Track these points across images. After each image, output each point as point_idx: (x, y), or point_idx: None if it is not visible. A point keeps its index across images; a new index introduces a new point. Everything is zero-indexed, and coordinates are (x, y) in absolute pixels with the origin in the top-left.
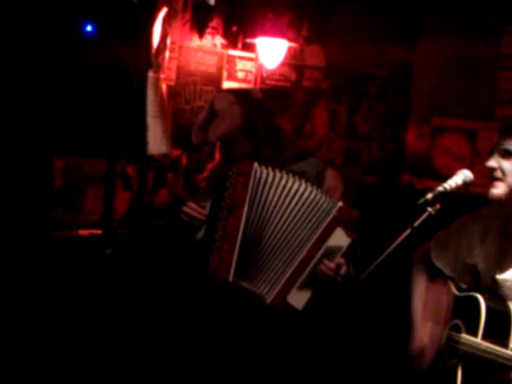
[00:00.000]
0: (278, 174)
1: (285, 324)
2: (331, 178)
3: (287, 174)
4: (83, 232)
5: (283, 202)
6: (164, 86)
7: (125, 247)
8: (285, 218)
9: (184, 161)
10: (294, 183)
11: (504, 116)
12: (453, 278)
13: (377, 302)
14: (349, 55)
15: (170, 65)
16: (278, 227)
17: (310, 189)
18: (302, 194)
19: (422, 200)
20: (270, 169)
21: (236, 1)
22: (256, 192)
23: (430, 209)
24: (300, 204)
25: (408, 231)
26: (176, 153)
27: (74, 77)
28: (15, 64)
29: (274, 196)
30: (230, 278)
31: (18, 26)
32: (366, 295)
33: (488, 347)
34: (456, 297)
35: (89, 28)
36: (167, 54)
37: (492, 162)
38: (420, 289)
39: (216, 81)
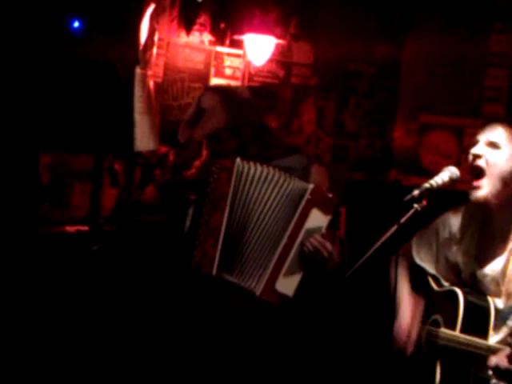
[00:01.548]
0: (259, 168)
1: (283, 323)
2: (317, 173)
3: (267, 166)
4: (70, 228)
5: (264, 194)
6: (151, 83)
7: (112, 244)
8: (266, 209)
9: (171, 157)
10: (274, 175)
11: (491, 113)
12: (435, 276)
13: (363, 298)
14: (337, 52)
15: (158, 61)
16: (260, 219)
17: (283, 177)
18: (282, 185)
19: (408, 197)
20: (251, 163)
21: None
22: (238, 186)
23: (416, 205)
24: (280, 194)
25: (395, 228)
26: (163, 149)
27: (61, 73)
28: (2, 60)
29: (255, 189)
30: (214, 272)
31: (4, 22)
32: (353, 291)
33: (466, 339)
34: (435, 292)
35: (76, 24)
36: (155, 50)
37: (477, 150)
38: (405, 278)
39: (204, 77)
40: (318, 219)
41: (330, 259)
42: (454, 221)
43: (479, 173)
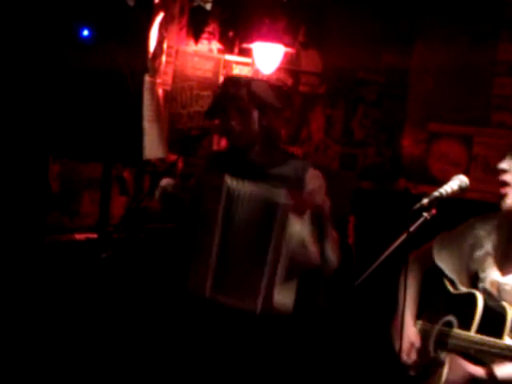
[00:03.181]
0: (246, 185)
1: (280, 323)
2: (311, 180)
3: (253, 183)
4: (79, 236)
5: (251, 210)
6: (160, 91)
7: (120, 251)
8: (251, 224)
9: (180, 165)
10: (258, 191)
11: (499, 122)
12: (451, 280)
13: (372, 307)
14: (345, 60)
15: (167, 69)
16: (248, 236)
17: (262, 191)
18: (258, 199)
19: (417, 205)
20: (239, 180)
21: (232, 6)
22: (228, 206)
23: (425, 214)
24: (256, 209)
25: (404, 236)
26: (172, 157)
27: (71, 81)
28: (12, 68)
29: (243, 207)
30: (207, 294)
31: (15, 31)
32: (362, 300)
33: (481, 339)
34: (451, 294)
35: (85, 32)
36: (164, 58)
37: (504, 165)
38: (412, 289)
39: (212, 85)
40: (296, 223)
41: (317, 262)
42: (481, 228)
43: (505, 185)
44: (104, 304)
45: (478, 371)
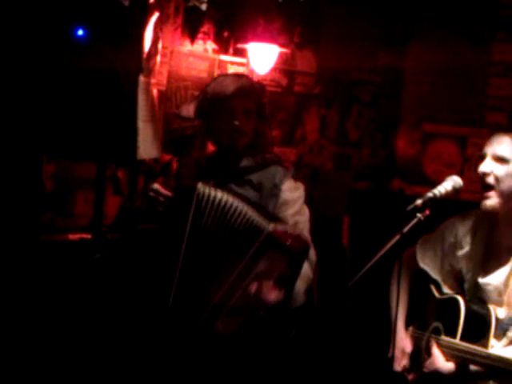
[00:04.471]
0: (219, 195)
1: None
2: (288, 191)
3: (228, 193)
4: (73, 236)
5: (222, 225)
6: (155, 91)
7: (114, 252)
8: (221, 241)
9: (174, 165)
10: (233, 205)
11: (494, 123)
12: (436, 282)
13: (366, 307)
14: (340, 61)
15: (161, 69)
16: (214, 252)
17: (245, 210)
18: (239, 216)
19: (411, 206)
20: (212, 189)
21: (228, 6)
22: (197, 214)
23: (419, 215)
24: (236, 226)
25: (397, 237)
26: (166, 157)
27: (65, 81)
28: (6, 68)
29: (214, 219)
30: (170, 303)
31: (8, 31)
32: (356, 300)
33: (466, 346)
34: (437, 300)
35: (80, 32)
36: (158, 58)
37: (485, 168)
38: (403, 293)
39: None
40: (270, 263)
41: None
42: (461, 227)
43: (489, 188)
44: (98, 304)
45: (447, 367)
